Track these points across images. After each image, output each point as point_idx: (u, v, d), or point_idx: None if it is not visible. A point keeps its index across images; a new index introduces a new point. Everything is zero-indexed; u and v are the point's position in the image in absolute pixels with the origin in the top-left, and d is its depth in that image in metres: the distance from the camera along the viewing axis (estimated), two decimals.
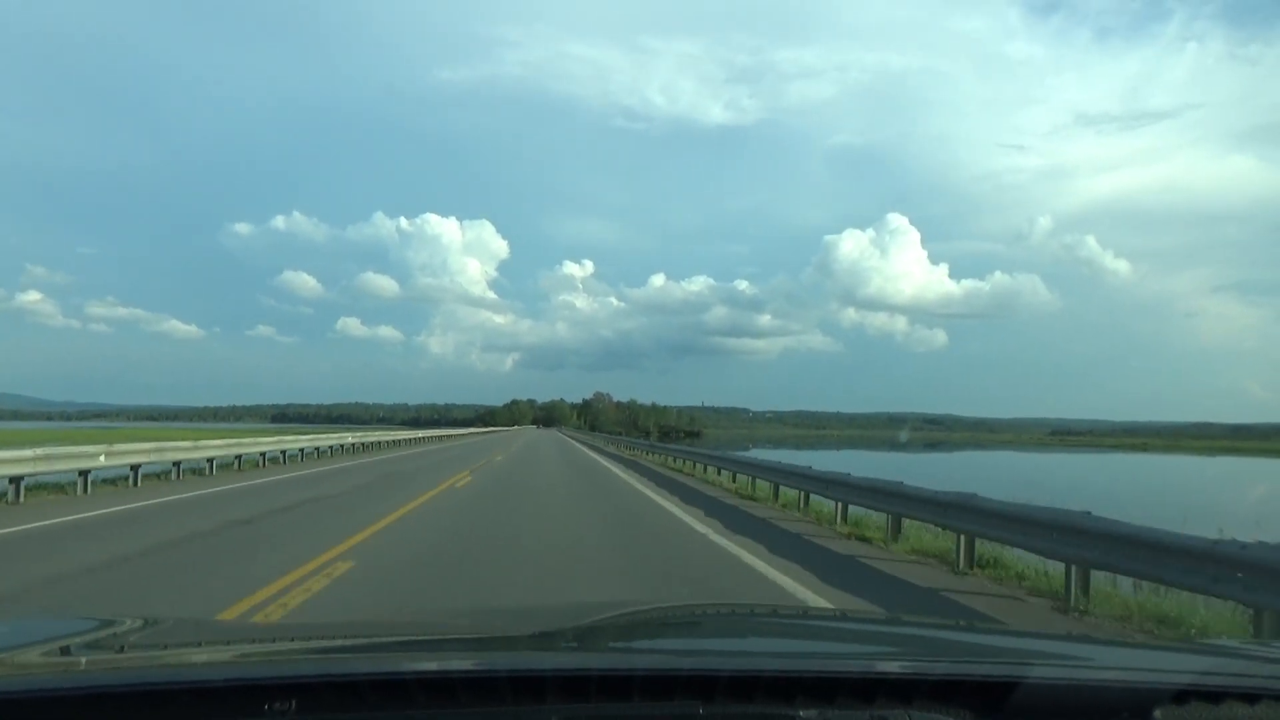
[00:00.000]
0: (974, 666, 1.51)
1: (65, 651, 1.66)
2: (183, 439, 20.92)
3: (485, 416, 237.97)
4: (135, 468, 16.80)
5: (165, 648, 1.85)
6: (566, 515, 13.01)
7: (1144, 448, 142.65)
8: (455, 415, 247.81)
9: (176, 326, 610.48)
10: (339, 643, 2.01)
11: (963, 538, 8.73)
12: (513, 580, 7.46)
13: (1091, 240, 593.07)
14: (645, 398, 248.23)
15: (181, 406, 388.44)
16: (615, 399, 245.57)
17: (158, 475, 18.13)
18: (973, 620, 6.35)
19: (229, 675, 1.36)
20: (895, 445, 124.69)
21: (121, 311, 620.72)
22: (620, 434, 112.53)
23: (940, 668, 1.49)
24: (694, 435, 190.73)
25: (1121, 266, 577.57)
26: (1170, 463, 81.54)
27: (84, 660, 1.61)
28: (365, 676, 1.29)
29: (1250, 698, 1.35)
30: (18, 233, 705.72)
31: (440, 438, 60.76)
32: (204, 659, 1.71)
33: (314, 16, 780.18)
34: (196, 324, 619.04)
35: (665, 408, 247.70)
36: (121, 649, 1.77)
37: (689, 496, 16.92)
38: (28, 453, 13.48)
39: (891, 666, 1.46)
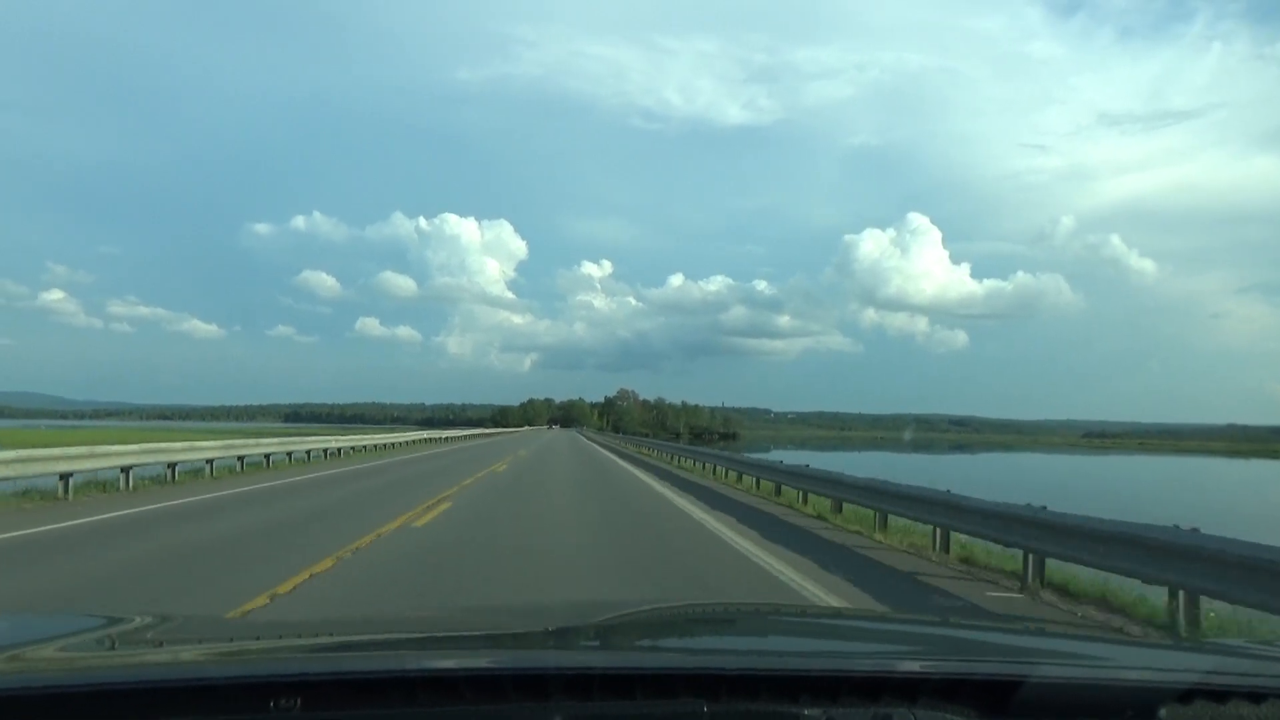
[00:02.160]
0: (979, 665, 1.51)
1: (72, 648, 1.67)
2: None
3: (497, 416, 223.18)
4: None
5: (172, 645, 1.87)
6: None
7: (1191, 450, 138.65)
8: (470, 415, 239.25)
9: (197, 326, 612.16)
10: (344, 640, 2.02)
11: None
12: None
13: (1116, 240, 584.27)
14: (667, 398, 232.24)
15: (198, 406, 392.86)
16: (641, 397, 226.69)
17: None
18: (979, 618, 6.16)
19: (234, 673, 1.37)
20: (919, 446, 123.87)
21: (143, 310, 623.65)
22: (647, 435, 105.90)
23: (945, 666, 1.49)
24: (730, 437, 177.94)
25: (1147, 266, 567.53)
26: (1238, 468, 75.92)
27: (91, 657, 1.63)
28: (369, 674, 1.30)
29: (1256, 697, 1.34)
30: (41, 231, 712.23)
31: (439, 440, 54.17)
32: (210, 656, 1.71)
33: (333, 17, 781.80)
34: (217, 323, 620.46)
35: (697, 407, 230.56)
36: (128, 646, 1.78)
37: None
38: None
39: (896, 665, 1.47)
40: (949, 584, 8.67)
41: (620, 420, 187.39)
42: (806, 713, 1.27)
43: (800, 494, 15.93)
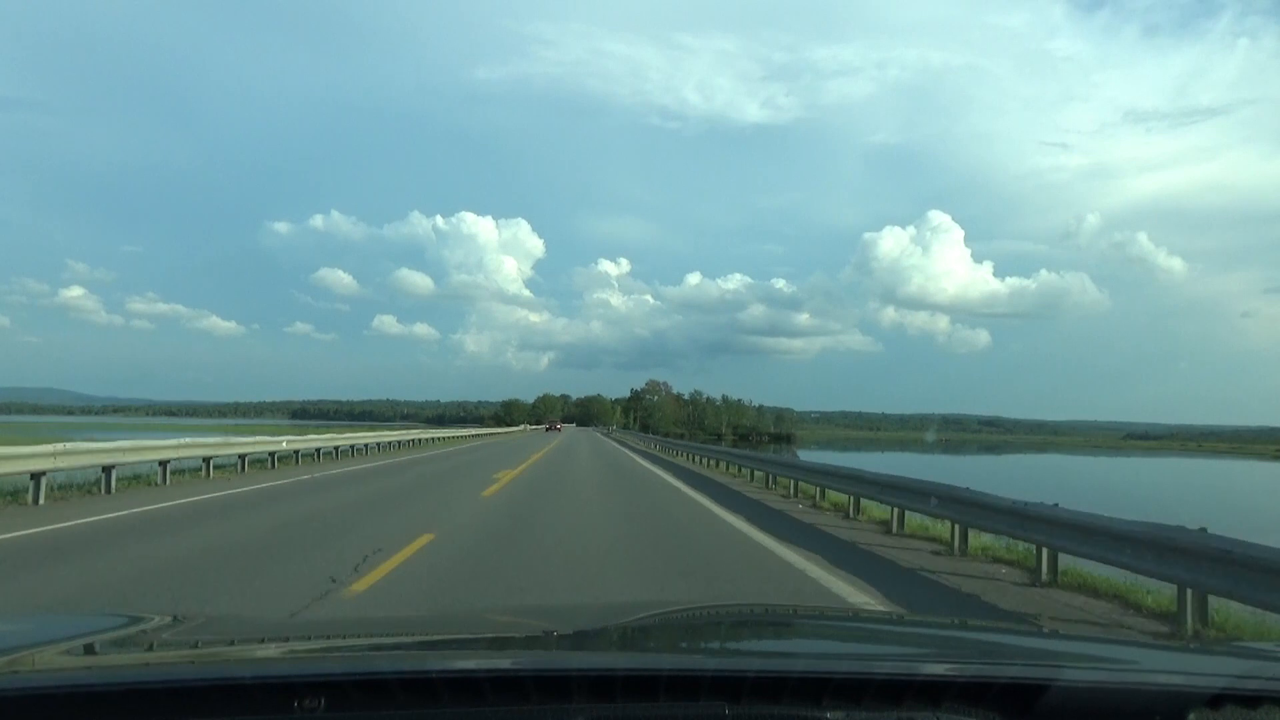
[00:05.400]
0: (1004, 668, 1.49)
1: (94, 648, 1.68)
2: None
3: (501, 413, 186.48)
4: None
5: (194, 645, 1.88)
6: None
7: (1249, 453, 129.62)
8: (483, 413, 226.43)
9: (216, 323, 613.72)
10: (368, 641, 2.03)
11: None
12: None
13: (1143, 238, 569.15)
14: (703, 392, 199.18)
15: (206, 403, 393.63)
16: (674, 390, 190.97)
17: None
18: (1003, 621, 6.16)
19: (258, 673, 1.37)
20: (949, 448, 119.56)
21: (162, 308, 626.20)
22: (682, 436, 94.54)
23: (970, 669, 1.47)
24: (784, 439, 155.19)
25: (1175, 265, 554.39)
26: None
27: (113, 657, 1.64)
28: (393, 675, 1.30)
29: None
30: (63, 230, 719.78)
31: (368, 450, 33.02)
32: (233, 656, 1.73)
33: (352, 18, 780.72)
34: (236, 320, 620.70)
35: (740, 403, 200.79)
36: (150, 646, 1.79)
37: None
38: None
39: (919, 667, 1.46)
40: None
41: (649, 418, 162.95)
42: (829, 716, 1.27)
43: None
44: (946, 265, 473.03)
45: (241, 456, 20.56)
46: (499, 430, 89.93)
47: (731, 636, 2.17)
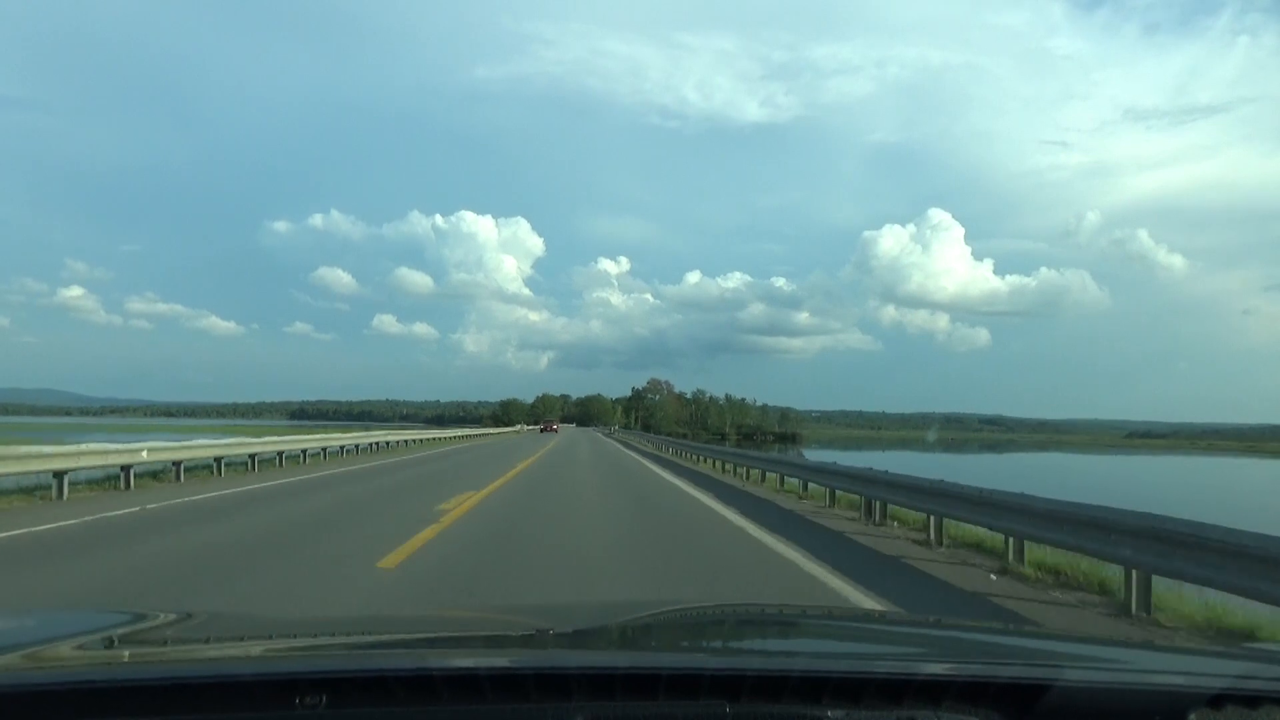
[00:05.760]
0: (1005, 668, 1.48)
1: (97, 645, 1.69)
2: None
3: (499, 413, 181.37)
4: None
5: (197, 642, 1.89)
6: None
7: (1260, 451, 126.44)
8: (482, 413, 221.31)
9: (216, 323, 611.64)
10: (370, 638, 2.04)
11: None
12: None
13: (1143, 235, 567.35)
14: (706, 391, 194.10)
15: (205, 403, 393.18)
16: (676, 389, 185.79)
17: None
18: (1004, 621, 6.05)
19: (259, 669, 1.38)
20: (952, 447, 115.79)
21: (161, 308, 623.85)
22: (685, 436, 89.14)
23: (970, 669, 1.47)
24: (788, 439, 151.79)
25: (1175, 262, 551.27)
26: None
27: (115, 653, 1.65)
28: (394, 672, 1.31)
29: None
30: (62, 229, 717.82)
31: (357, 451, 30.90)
32: (235, 653, 1.74)
33: (351, 17, 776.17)
34: (235, 320, 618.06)
35: (743, 402, 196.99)
36: (153, 643, 1.81)
37: None
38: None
39: (920, 667, 1.45)
40: None
41: (651, 417, 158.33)
42: (829, 714, 1.27)
43: None
44: (946, 263, 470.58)
45: (58, 475, 13.23)
46: (492, 431, 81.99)
47: (732, 635, 2.18)
